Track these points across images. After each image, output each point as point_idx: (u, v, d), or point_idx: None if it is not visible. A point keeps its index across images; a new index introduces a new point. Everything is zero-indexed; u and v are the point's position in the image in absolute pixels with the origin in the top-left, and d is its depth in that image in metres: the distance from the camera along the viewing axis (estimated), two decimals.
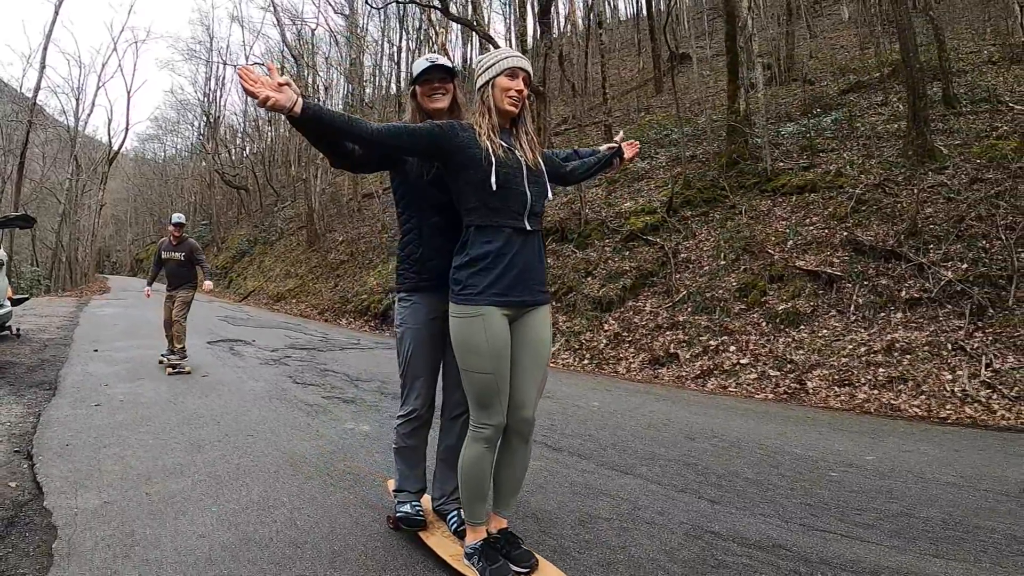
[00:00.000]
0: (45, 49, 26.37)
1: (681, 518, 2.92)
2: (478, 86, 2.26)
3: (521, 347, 2.23)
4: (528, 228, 2.20)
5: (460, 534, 2.43)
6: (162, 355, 7.52)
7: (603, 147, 2.73)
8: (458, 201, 2.24)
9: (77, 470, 3.56)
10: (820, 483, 3.38)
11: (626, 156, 2.72)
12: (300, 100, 1.90)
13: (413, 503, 2.62)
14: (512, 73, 2.20)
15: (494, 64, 2.21)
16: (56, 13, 26.85)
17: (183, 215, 7.80)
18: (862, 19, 19.02)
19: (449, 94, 2.50)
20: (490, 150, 2.13)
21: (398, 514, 2.62)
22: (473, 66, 2.42)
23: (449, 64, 2.51)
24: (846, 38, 19.39)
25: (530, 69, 2.26)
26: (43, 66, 26.52)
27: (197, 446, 4.09)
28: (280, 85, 1.88)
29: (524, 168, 2.20)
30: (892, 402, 5.53)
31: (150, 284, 7.96)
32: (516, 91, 2.20)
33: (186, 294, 7.52)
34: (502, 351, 2.16)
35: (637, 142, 2.81)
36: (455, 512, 2.57)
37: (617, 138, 2.76)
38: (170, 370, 6.92)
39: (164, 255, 7.52)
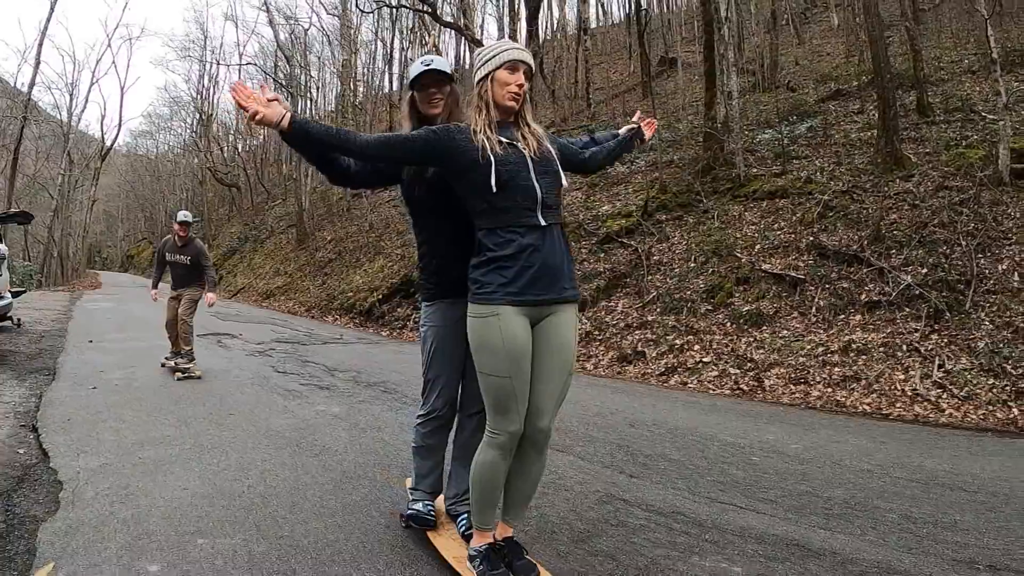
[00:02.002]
0: (40, 45, 26.44)
1: (597, 488, 3.21)
2: (476, 79, 2.14)
3: (542, 351, 2.09)
4: (543, 223, 2.06)
5: (468, 537, 2.36)
6: (165, 358, 6.92)
7: (622, 129, 2.61)
8: (466, 205, 2.15)
9: (78, 440, 3.99)
10: (738, 465, 3.64)
11: (645, 135, 2.60)
12: (288, 116, 1.91)
13: (425, 502, 2.60)
14: (512, 66, 2.08)
15: (493, 57, 2.10)
16: (51, 9, 26.99)
17: (190, 213, 7.06)
18: (848, 27, 19.26)
19: (445, 98, 2.42)
20: (487, 148, 2.02)
21: (408, 511, 2.60)
22: (466, 66, 2.45)
23: (445, 68, 2.41)
24: (833, 45, 19.61)
25: (532, 62, 2.14)
26: (38, 62, 26.58)
27: (184, 422, 4.54)
28: (269, 101, 1.90)
29: (529, 161, 2.08)
30: (844, 400, 5.75)
31: (155, 286, 7.26)
32: (516, 85, 2.09)
33: (194, 292, 6.89)
34: (520, 353, 2.03)
35: (655, 120, 2.69)
36: (466, 515, 2.47)
37: (635, 117, 2.64)
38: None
39: (169, 257, 6.85)
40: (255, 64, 36.37)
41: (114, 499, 2.96)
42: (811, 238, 8.14)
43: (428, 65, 2.38)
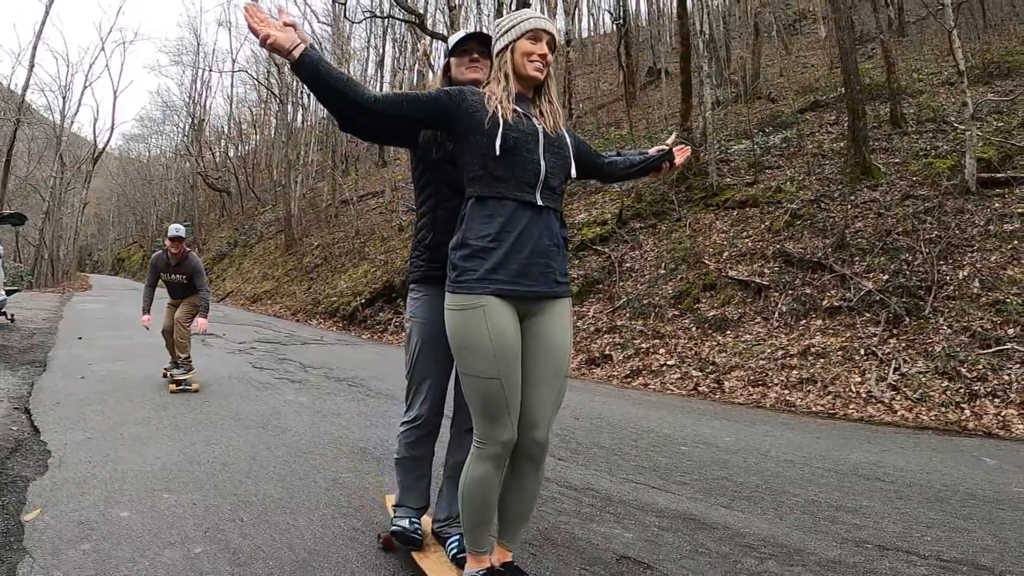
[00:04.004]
0: (35, 48, 26.55)
1: None
2: (496, 52, 2.00)
3: (534, 354, 1.91)
4: (539, 203, 1.89)
5: (459, 561, 2.14)
6: (165, 368, 6.38)
7: (652, 149, 2.39)
8: (464, 172, 1.96)
9: (66, 419, 4.43)
10: (665, 453, 3.84)
11: (676, 161, 2.36)
12: (301, 46, 1.78)
13: (412, 519, 2.36)
14: (535, 36, 1.93)
15: (514, 26, 1.95)
16: (46, 12, 27.03)
17: (182, 226, 6.42)
18: (834, 39, 19.48)
19: (486, 69, 2.26)
20: (499, 113, 1.87)
21: (393, 528, 2.34)
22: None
23: (489, 36, 2.26)
24: (819, 57, 19.86)
25: (555, 32, 1.99)
26: (32, 65, 26.67)
27: (163, 406, 5.01)
28: (285, 26, 1.79)
29: (540, 135, 1.92)
30: (798, 401, 5.90)
31: (147, 310, 6.28)
32: (539, 55, 1.93)
33: (194, 298, 6.34)
34: (510, 350, 1.83)
35: (688, 147, 2.47)
36: (456, 537, 2.26)
37: (669, 140, 2.41)
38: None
39: (164, 276, 6.33)
40: (247, 71, 36.61)
41: (95, 464, 3.38)
42: (778, 246, 8.34)
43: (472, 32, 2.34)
